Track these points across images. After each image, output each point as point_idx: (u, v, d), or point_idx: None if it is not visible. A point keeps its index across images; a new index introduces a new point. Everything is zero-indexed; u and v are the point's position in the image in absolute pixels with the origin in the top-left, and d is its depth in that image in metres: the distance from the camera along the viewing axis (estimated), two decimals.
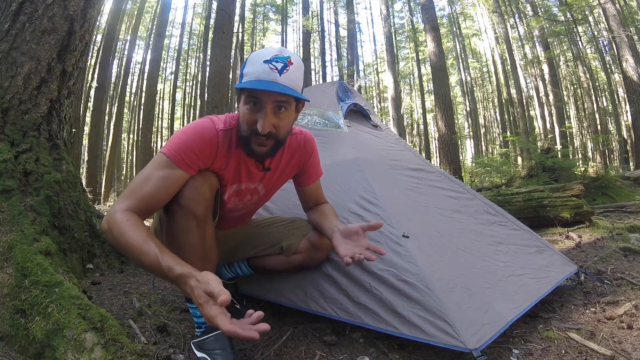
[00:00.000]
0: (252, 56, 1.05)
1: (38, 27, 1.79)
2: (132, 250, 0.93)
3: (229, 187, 1.20)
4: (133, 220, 0.96)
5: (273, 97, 1.02)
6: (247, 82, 1.01)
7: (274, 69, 1.00)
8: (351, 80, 15.37)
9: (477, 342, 1.04)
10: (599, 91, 18.34)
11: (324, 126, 2.07)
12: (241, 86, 1.02)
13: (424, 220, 1.60)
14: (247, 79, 1.02)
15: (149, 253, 0.91)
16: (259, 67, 1.00)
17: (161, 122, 21.94)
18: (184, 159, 1.04)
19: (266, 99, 1.01)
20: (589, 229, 3.24)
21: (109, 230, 0.96)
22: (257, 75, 1.00)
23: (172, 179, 1.04)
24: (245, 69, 1.04)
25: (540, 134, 13.65)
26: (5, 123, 1.69)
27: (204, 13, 19.27)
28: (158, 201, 1.04)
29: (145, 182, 1.02)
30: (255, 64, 1.02)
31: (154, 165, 1.05)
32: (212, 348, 1.12)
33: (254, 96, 1.02)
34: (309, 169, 1.33)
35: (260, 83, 1.00)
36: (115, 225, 0.95)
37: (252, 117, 1.04)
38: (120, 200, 1.00)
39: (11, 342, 1.14)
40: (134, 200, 1.00)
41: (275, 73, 1.00)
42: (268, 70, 1.00)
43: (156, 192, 1.02)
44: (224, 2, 7.59)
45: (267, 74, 1.00)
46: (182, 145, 1.05)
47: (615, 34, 9.73)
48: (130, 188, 1.03)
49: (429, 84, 19.76)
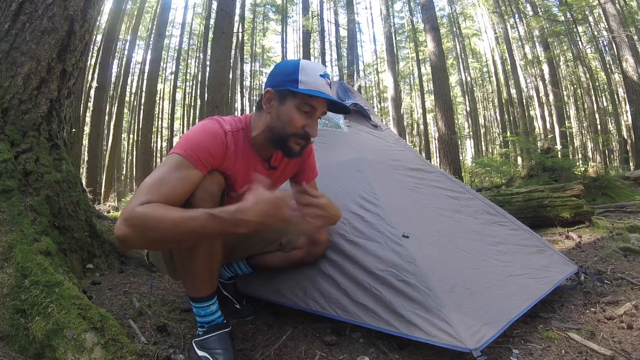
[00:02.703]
0: (305, 66, 1.11)
1: (38, 27, 1.79)
2: (172, 223, 0.90)
3: (240, 186, 1.20)
4: (159, 204, 0.93)
5: (324, 107, 1.14)
6: (312, 90, 1.08)
7: (327, 84, 1.12)
8: (351, 80, 15.36)
9: (477, 342, 1.05)
10: (599, 91, 18.35)
11: (324, 126, 2.07)
12: (307, 92, 1.07)
13: (424, 220, 1.60)
14: (306, 87, 1.08)
15: (197, 211, 0.92)
16: (318, 80, 1.10)
17: (161, 122, 21.95)
18: (200, 159, 1.04)
19: (320, 108, 1.13)
20: (589, 229, 3.24)
21: (130, 228, 0.89)
22: (317, 86, 1.09)
23: (190, 180, 1.02)
24: (302, 77, 1.09)
25: (540, 134, 13.65)
26: (5, 123, 1.69)
27: (204, 13, 19.29)
28: (176, 202, 0.99)
29: (161, 183, 0.98)
30: (312, 75, 1.10)
31: (169, 166, 1.01)
32: (213, 347, 1.13)
33: (310, 104, 1.10)
34: (306, 169, 1.37)
35: (325, 94, 1.10)
36: (142, 216, 0.90)
37: (302, 121, 1.12)
38: (135, 201, 0.93)
39: (11, 342, 1.14)
40: (153, 196, 0.94)
41: (328, 88, 1.12)
42: (324, 83, 1.11)
43: (174, 192, 0.99)
44: (224, 2, 7.59)
45: (324, 88, 1.10)
46: (197, 145, 1.05)
47: (615, 34, 9.73)
48: (144, 188, 0.96)
49: (429, 84, 19.78)
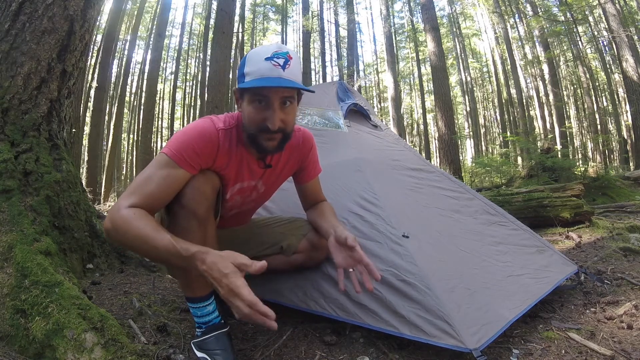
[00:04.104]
0: (250, 55, 1.04)
1: (38, 27, 1.79)
2: (143, 240, 0.92)
3: (231, 186, 1.20)
4: (141, 213, 0.96)
5: (280, 93, 1.02)
6: (252, 81, 1.01)
7: (277, 65, 0.99)
8: (351, 80, 15.36)
9: (477, 342, 1.05)
10: (599, 91, 18.35)
11: (324, 126, 2.07)
12: (247, 86, 1.01)
13: (424, 220, 1.60)
14: (250, 78, 1.01)
15: (162, 239, 0.91)
16: (261, 65, 1.00)
17: (161, 122, 21.96)
18: (185, 158, 1.04)
19: (273, 96, 1.02)
20: (589, 229, 3.24)
21: (113, 228, 0.94)
22: (261, 73, 1.00)
23: (173, 178, 1.04)
24: (246, 69, 1.03)
25: (540, 134, 13.66)
26: (5, 123, 1.69)
27: (204, 13, 19.29)
28: (160, 200, 1.03)
29: (147, 181, 1.02)
30: (256, 62, 1.01)
31: (156, 165, 1.04)
32: (212, 348, 1.12)
33: (260, 94, 1.02)
34: (308, 166, 1.34)
35: (267, 80, 0.99)
36: (122, 221, 0.94)
37: (260, 115, 1.04)
38: (123, 199, 0.99)
39: (11, 342, 1.14)
40: (138, 198, 0.99)
41: (279, 69, 1.00)
42: (271, 67, 0.99)
43: (158, 191, 1.01)
44: (224, 2, 7.59)
45: (270, 71, 0.99)
46: (182, 145, 1.05)
47: (615, 34, 9.74)
48: (131, 187, 1.02)
49: (429, 84, 19.77)
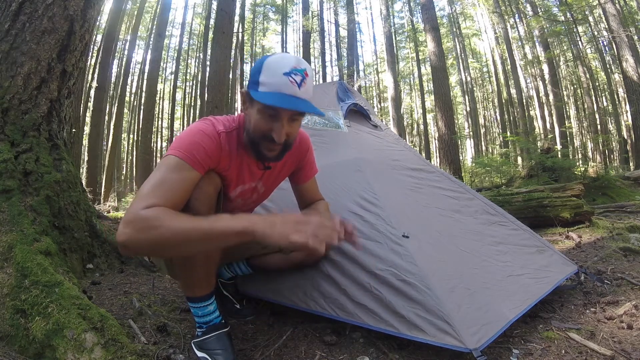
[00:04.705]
0: (268, 64, 1.02)
1: (38, 27, 1.79)
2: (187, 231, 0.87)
3: (233, 188, 1.20)
4: (168, 209, 0.90)
5: (292, 111, 1.03)
6: (267, 95, 1.00)
7: (294, 83, 0.99)
8: (351, 80, 15.36)
9: (477, 342, 1.05)
10: (599, 91, 18.35)
11: (324, 126, 2.07)
12: (262, 101, 0.99)
13: (424, 220, 1.60)
14: (265, 89, 1.00)
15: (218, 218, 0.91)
16: (279, 80, 0.99)
17: (161, 122, 21.97)
18: (198, 160, 1.02)
19: (284, 113, 1.02)
20: (589, 229, 3.24)
21: (135, 231, 0.86)
22: (278, 87, 0.99)
23: (189, 181, 1.00)
24: (262, 77, 1.01)
25: (540, 134, 13.66)
26: (5, 123, 1.69)
27: (204, 13, 19.30)
28: (176, 205, 0.96)
29: (161, 185, 0.96)
30: (273, 74, 1.00)
31: (166, 168, 0.99)
32: (212, 348, 1.12)
33: (272, 108, 1.01)
34: (305, 167, 1.35)
35: (282, 98, 0.99)
36: (148, 221, 0.86)
37: (267, 125, 1.04)
38: (140, 201, 0.90)
39: (11, 342, 1.14)
40: (157, 199, 0.92)
41: (295, 87, 0.99)
42: (288, 83, 0.99)
43: (175, 195, 0.96)
44: (224, 2, 7.60)
45: (287, 88, 0.99)
46: (194, 146, 1.03)
47: (615, 34, 9.74)
48: (143, 193, 0.93)
49: (429, 84, 19.78)
